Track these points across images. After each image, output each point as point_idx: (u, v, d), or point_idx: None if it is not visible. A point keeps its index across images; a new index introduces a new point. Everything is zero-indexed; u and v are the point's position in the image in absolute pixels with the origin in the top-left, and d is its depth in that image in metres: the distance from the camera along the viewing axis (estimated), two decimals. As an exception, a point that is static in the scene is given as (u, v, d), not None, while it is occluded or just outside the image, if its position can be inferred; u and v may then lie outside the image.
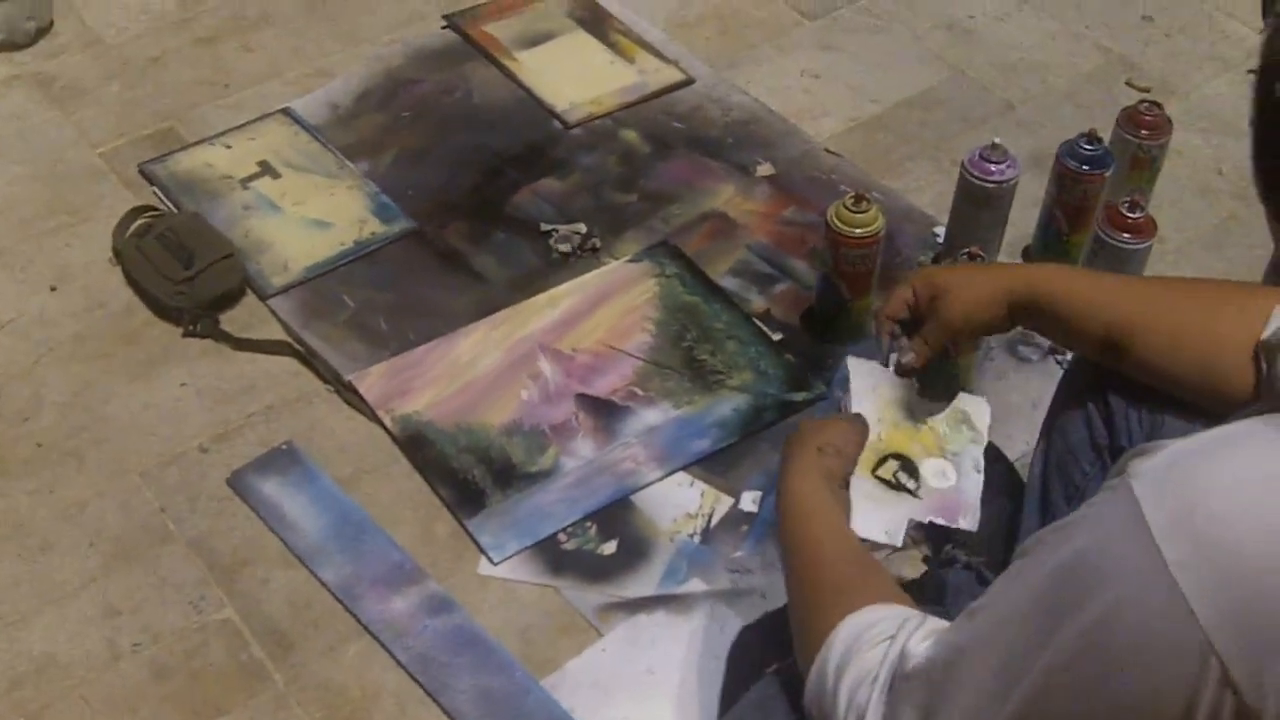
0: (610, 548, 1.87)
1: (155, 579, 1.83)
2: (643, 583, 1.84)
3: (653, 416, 2.03)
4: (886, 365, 1.59)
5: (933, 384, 1.60)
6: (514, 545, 1.86)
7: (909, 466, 1.56)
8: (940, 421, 1.59)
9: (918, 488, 1.54)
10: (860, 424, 1.54)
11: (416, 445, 1.98)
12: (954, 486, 1.55)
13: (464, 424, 2.00)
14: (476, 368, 2.08)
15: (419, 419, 2.01)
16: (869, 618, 1.18)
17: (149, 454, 1.97)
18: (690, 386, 2.06)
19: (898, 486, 1.54)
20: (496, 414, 2.02)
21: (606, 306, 2.17)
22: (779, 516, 1.41)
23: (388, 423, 2.00)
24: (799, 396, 2.05)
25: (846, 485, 1.48)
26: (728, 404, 2.04)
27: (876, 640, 1.14)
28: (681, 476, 1.96)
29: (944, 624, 1.11)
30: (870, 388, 1.59)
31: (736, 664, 1.69)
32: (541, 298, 2.19)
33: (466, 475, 1.94)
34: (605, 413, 2.03)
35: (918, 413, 1.59)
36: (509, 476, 1.94)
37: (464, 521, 1.88)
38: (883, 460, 1.56)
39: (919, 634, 1.10)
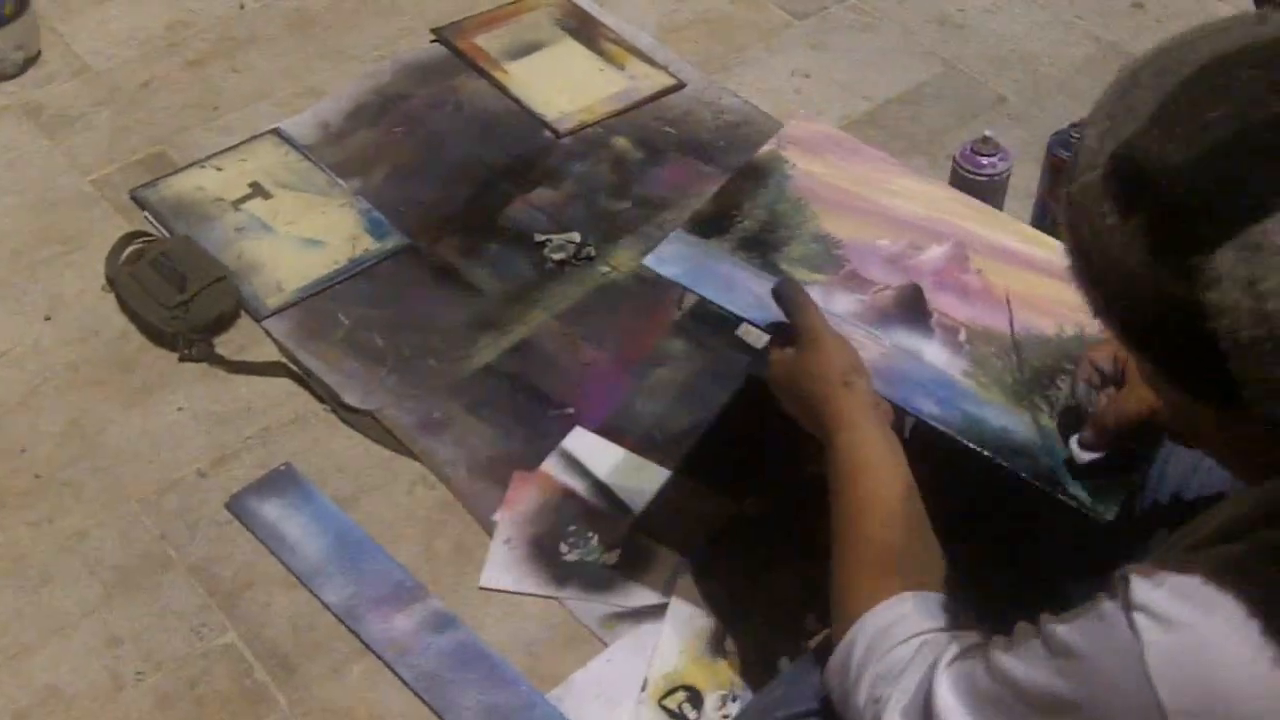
0: (613, 558, 1.86)
1: (157, 606, 1.82)
2: (648, 591, 1.82)
3: (940, 358, 1.62)
4: (1072, 411, 1.54)
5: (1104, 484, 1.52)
6: (669, 268, 1.63)
7: (696, 698, 1.70)
8: None
9: (698, 718, 1.68)
10: (833, 335, 1.47)
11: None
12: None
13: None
14: (890, 207, 1.77)
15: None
16: (894, 613, 1.24)
17: (147, 481, 1.96)
18: (1009, 384, 1.61)
19: (679, 717, 1.69)
20: (848, 224, 1.73)
21: (1049, 281, 1.74)
22: (829, 473, 1.39)
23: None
24: (1065, 490, 1.52)
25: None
26: (1013, 421, 1.58)
27: (898, 641, 1.21)
28: (684, 481, 1.95)
29: (969, 645, 1.16)
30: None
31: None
32: (1019, 227, 1.83)
33: (734, 212, 1.70)
34: (911, 313, 1.65)
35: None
36: (764, 245, 1.67)
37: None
38: (673, 690, 1.71)
39: (944, 669, 1.14)
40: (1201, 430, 1.03)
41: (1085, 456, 1.50)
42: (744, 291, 1.61)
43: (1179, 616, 0.92)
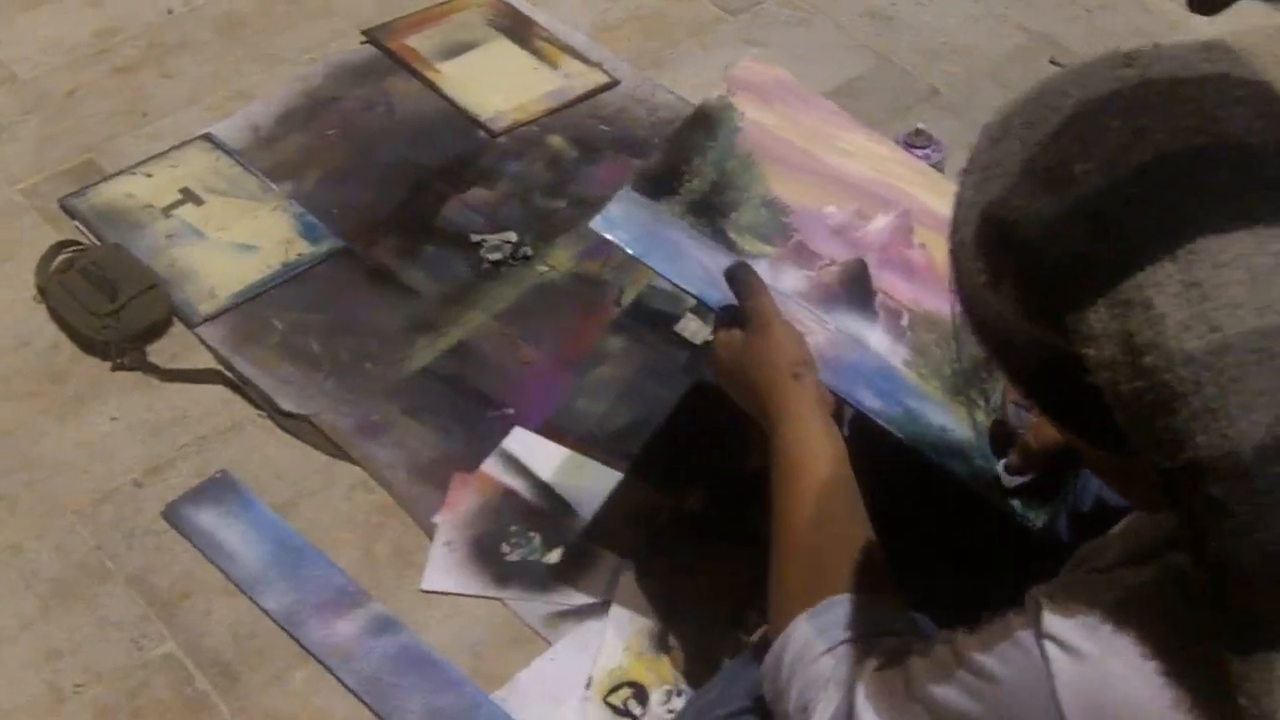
0: (555, 556, 1.85)
1: (95, 618, 1.80)
2: (590, 589, 1.82)
3: (883, 345, 1.62)
4: (1011, 438, 1.54)
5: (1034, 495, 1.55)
6: (618, 233, 1.57)
7: (641, 694, 1.71)
8: None
9: (643, 715, 1.68)
10: (784, 323, 1.46)
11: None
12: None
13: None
14: (838, 167, 1.74)
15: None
16: (825, 619, 1.25)
17: (82, 492, 1.94)
18: (949, 376, 1.63)
19: (624, 713, 1.69)
20: (796, 186, 1.69)
21: None
22: (772, 466, 1.39)
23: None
24: (998, 497, 1.57)
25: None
26: (950, 419, 1.59)
27: (826, 648, 1.22)
28: (625, 478, 1.94)
29: (892, 655, 1.16)
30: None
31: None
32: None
33: (683, 169, 1.65)
34: (857, 292, 1.64)
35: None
36: (713, 210, 1.63)
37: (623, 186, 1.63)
38: (617, 687, 1.71)
39: (864, 683, 1.15)
40: (1099, 467, 1.04)
41: (1013, 481, 1.52)
42: (692, 263, 1.57)
43: (1086, 650, 0.93)
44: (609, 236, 1.56)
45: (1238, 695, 0.84)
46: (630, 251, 1.56)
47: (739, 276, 1.48)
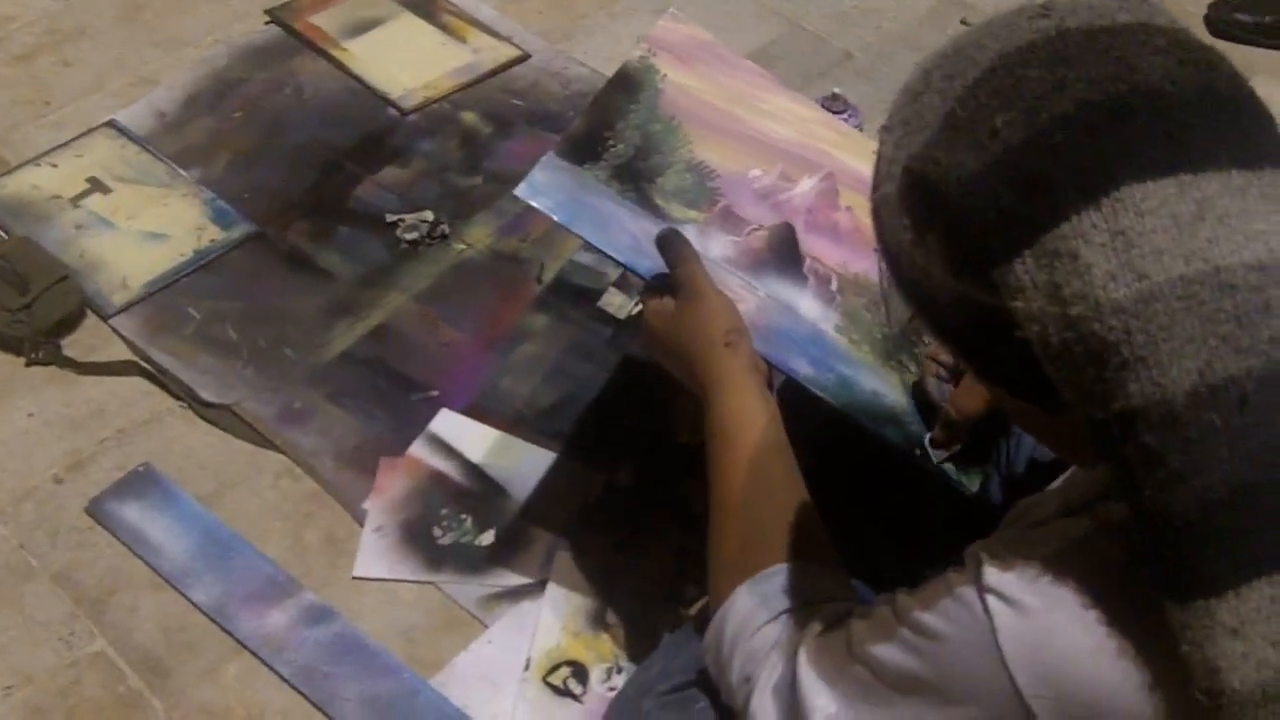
0: (488, 538, 1.84)
1: (21, 618, 1.77)
2: (525, 570, 1.81)
3: (814, 310, 1.61)
4: (935, 411, 1.55)
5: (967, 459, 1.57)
6: (543, 200, 1.54)
7: (580, 673, 1.70)
8: None
9: (584, 693, 1.68)
10: (716, 290, 1.44)
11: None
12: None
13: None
14: (763, 130, 1.72)
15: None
16: (764, 589, 1.23)
17: (2, 490, 1.90)
18: (879, 341, 1.63)
19: (564, 693, 1.69)
20: (720, 150, 1.67)
21: None
22: (706, 435, 1.37)
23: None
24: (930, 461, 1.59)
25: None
26: (882, 384, 1.60)
27: (767, 619, 1.20)
28: (555, 457, 1.93)
29: (833, 620, 1.15)
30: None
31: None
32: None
33: (606, 134, 1.62)
34: (785, 256, 1.63)
35: None
36: (638, 175, 1.61)
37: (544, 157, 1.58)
38: (556, 667, 1.71)
39: (806, 648, 1.14)
40: (1029, 424, 1.04)
41: (941, 455, 1.54)
42: (620, 230, 1.54)
43: (1028, 602, 0.93)
44: (534, 204, 1.53)
45: (1180, 643, 0.84)
46: (556, 219, 1.53)
47: (670, 243, 1.46)
